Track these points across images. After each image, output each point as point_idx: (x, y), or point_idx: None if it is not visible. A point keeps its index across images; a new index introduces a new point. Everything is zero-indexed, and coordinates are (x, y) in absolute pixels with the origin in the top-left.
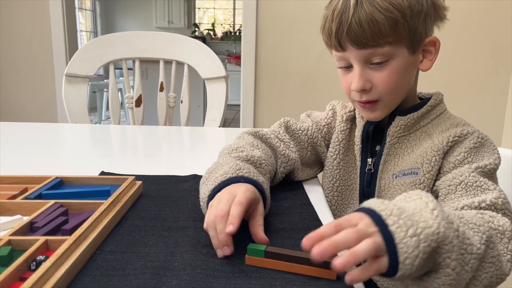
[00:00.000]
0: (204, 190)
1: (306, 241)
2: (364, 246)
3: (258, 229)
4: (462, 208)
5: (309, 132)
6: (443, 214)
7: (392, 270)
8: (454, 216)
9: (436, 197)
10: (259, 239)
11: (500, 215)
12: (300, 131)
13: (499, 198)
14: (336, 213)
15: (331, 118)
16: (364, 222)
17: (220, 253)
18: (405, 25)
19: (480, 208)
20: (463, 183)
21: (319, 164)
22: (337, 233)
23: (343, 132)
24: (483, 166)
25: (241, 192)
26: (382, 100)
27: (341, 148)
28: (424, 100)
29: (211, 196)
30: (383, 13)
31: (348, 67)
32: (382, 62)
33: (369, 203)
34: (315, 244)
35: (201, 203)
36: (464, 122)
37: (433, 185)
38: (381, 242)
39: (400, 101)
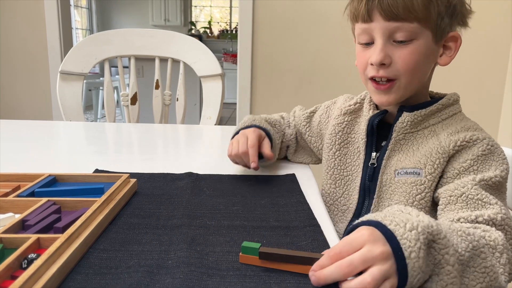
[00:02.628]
0: (233, 133)
1: (311, 275)
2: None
3: (265, 148)
4: (458, 220)
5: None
6: (429, 217)
7: (401, 274)
8: (442, 223)
9: (437, 204)
10: (266, 154)
11: (494, 229)
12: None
13: (498, 214)
14: (331, 204)
15: (322, 111)
16: (362, 238)
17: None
18: (435, 7)
19: (477, 222)
20: (464, 195)
21: (314, 155)
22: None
23: (339, 125)
24: (487, 179)
25: (251, 133)
26: (398, 81)
27: (337, 139)
28: (435, 99)
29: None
30: None
31: (369, 44)
32: (406, 41)
33: (361, 219)
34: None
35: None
36: (476, 127)
37: (435, 187)
38: (387, 250)
39: (414, 89)
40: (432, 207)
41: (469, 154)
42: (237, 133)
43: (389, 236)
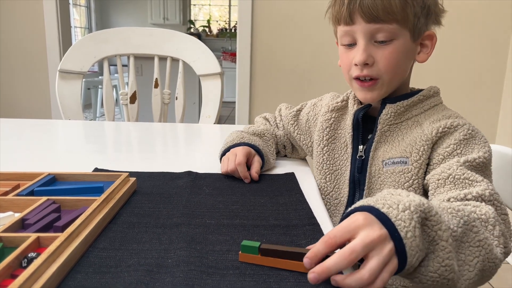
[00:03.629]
0: (220, 150)
1: (306, 262)
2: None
3: (253, 168)
4: (448, 200)
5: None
6: (420, 196)
7: (400, 255)
8: (432, 202)
9: (427, 191)
10: (252, 176)
11: (483, 204)
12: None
13: (486, 190)
14: (323, 198)
15: (309, 108)
16: (356, 224)
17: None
18: (411, 8)
19: (466, 200)
20: (451, 176)
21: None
22: (331, 248)
23: (326, 121)
24: (471, 160)
25: (239, 151)
26: (381, 79)
27: (325, 135)
28: (416, 90)
29: (223, 154)
30: None
31: (351, 45)
32: (386, 41)
33: (354, 206)
34: (314, 263)
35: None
36: (456, 115)
37: (423, 175)
38: (383, 233)
39: (396, 85)
40: (422, 196)
41: (451, 139)
42: (227, 150)
43: (384, 219)
